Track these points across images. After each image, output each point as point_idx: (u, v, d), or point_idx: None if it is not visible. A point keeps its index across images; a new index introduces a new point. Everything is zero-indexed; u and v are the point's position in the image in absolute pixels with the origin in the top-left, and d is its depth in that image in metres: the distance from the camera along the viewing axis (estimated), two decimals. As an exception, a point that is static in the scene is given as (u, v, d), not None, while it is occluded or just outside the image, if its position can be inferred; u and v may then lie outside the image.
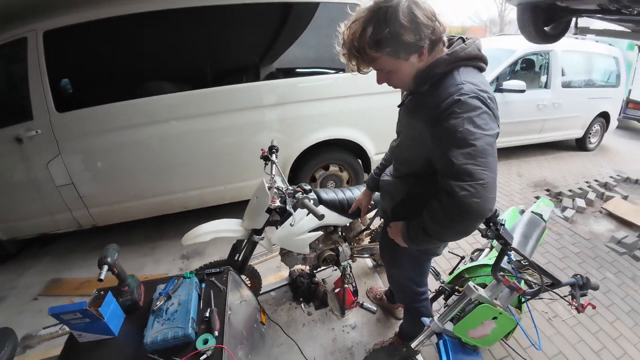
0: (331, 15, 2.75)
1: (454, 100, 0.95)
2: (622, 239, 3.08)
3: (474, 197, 0.92)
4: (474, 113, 0.94)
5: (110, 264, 1.28)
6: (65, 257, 2.86)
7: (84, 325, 1.18)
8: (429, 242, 1.12)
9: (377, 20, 0.95)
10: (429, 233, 1.07)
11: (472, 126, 0.93)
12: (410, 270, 1.48)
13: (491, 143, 0.95)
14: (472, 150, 0.92)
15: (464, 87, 0.96)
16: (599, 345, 2.07)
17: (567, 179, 4.47)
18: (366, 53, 1.00)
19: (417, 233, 1.12)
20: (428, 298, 1.61)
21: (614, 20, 3.05)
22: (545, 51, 4.68)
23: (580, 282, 1.19)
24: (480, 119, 0.94)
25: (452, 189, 0.94)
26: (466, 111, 0.94)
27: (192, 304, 1.29)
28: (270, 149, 1.91)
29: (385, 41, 0.96)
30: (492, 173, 0.94)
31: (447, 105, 0.96)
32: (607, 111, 5.35)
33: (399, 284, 1.60)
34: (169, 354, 1.14)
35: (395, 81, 1.10)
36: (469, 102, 0.94)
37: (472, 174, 0.92)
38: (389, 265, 1.58)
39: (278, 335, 2.00)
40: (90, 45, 2.35)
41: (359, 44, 0.99)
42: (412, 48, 0.98)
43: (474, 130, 0.92)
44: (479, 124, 0.93)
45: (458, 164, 0.93)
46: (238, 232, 1.78)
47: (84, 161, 2.46)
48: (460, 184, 0.92)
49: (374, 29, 0.95)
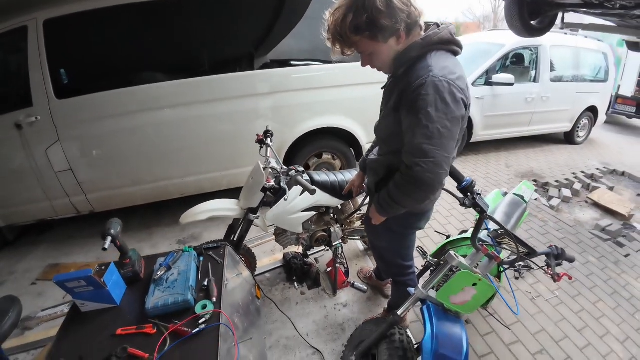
0: (325, 7, 2.81)
1: (422, 82, 1.04)
2: (606, 226, 3.18)
3: (426, 172, 1.06)
4: (438, 97, 1.02)
5: (114, 236, 1.34)
6: (63, 243, 2.91)
7: (88, 293, 1.24)
8: (394, 208, 1.25)
9: (357, 7, 1.03)
10: (394, 200, 1.21)
11: (433, 109, 1.02)
12: (395, 245, 1.57)
13: (448, 126, 1.04)
14: (428, 132, 1.03)
15: (433, 71, 1.04)
16: (582, 324, 2.14)
17: (554, 170, 4.59)
18: (348, 37, 1.08)
19: (385, 200, 1.25)
20: (414, 272, 1.70)
21: (599, 14, 3.15)
22: (534, 46, 4.79)
23: (555, 252, 1.26)
24: (442, 103, 1.03)
25: (409, 163, 1.08)
26: (430, 94, 1.02)
27: (191, 274, 1.37)
28: (265, 133, 2.00)
29: (364, 25, 1.04)
30: (445, 152, 1.06)
31: (415, 87, 1.05)
32: (595, 105, 5.49)
33: (386, 258, 1.68)
34: (169, 319, 1.21)
35: (377, 63, 1.18)
36: (436, 84, 1.03)
37: (426, 153, 1.05)
38: (374, 240, 1.66)
39: (272, 312, 2.09)
40: (89, 33, 2.39)
41: (341, 29, 1.07)
42: (389, 31, 1.06)
43: (434, 114, 1.02)
44: (440, 108, 1.03)
45: (416, 142, 1.06)
46: (234, 211, 1.85)
47: (82, 147, 2.51)
48: (416, 160, 1.06)
49: (354, 15, 1.04)
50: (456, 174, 1.21)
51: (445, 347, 1.23)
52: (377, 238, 1.61)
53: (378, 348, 1.41)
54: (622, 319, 2.20)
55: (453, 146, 1.10)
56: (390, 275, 1.76)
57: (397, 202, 1.22)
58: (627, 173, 4.59)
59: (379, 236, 1.57)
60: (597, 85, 5.44)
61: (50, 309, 2.17)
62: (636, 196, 4.04)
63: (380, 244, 1.61)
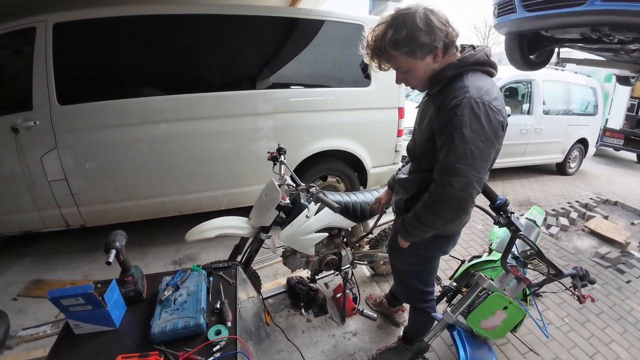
0: (334, 34, 2.89)
1: (458, 102, 1.05)
2: (605, 254, 3.22)
3: (457, 190, 1.07)
4: (473, 117, 1.04)
5: (118, 249, 1.22)
6: (49, 257, 2.72)
7: (84, 313, 1.10)
8: (420, 231, 1.23)
9: (397, 24, 1.07)
10: (420, 221, 1.19)
11: (468, 129, 1.04)
12: (418, 269, 1.51)
13: (481, 147, 1.05)
14: (462, 151, 1.04)
15: (469, 91, 1.06)
16: (593, 349, 2.12)
17: (549, 200, 4.65)
18: (387, 51, 1.11)
19: (411, 224, 1.23)
20: (434, 298, 1.62)
21: (593, 49, 3.30)
22: (527, 80, 5.00)
23: (580, 273, 1.26)
24: (477, 124, 1.04)
25: (440, 181, 1.10)
26: (465, 114, 1.04)
27: (202, 295, 1.25)
28: (279, 150, 1.94)
29: (403, 41, 1.07)
30: (477, 172, 1.07)
31: (451, 106, 1.06)
32: (585, 138, 5.70)
33: (406, 282, 1.60)
34: (178, 345, 1.08)
35: (412, 80, 1.20)
36: (472, 105, 1.04)
37: (458, 172, 1.06)
38: (396, 263, 1.58)
39: (277, 341, 1.94)
40: (98, 41, 2.35)
41: (381, 44, 1.11)
42: (427, 48, 1.09)
43: (468, 134, 1.04)
44: (475, 129, 1.04)
45: (449, 161, 1.07)
46: (245, 230, 1.75)
47: (80, 157, 2.39)
48: (448, 179, 1.08)
49: (394, 31, 1.07)
50: (490, 192, 1.17)
51: (481, 377, 1.14)
52: (399, 261, 1.53)
53: (402, 381, 1.29)
54: (630, 343, 2.21)
55: (486, 167, 1.11)
56: (409, 300, 1.67)
57: (424, 223, 1.20)
58: (619, 203, 4.70)
59: (402, 259, 1.50)
60: (587, 118, 5.67)
61: (32, 328, 1.99)
62: (630, 224, 4.12)
63: (402, 267, 1.54)
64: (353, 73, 2.98)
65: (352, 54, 3.01)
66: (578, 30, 2.63)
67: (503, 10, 2.88)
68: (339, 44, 2.96)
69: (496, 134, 1.08)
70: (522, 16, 2.65)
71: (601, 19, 2.24)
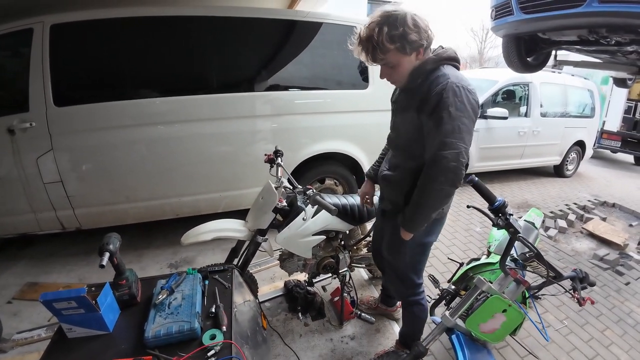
0: (332, 37, 2.89)
1: (442, 87, 1.20)
2: (604, 256, 3.21)
3: (451, 161, 1.20)
4: (456, 98, 1.20)
5: (112, 252, 1.21)
6: (44, 260, 2.69)
7: (77, 317, 1.09)
8: (424, 215, 1.32)
9: (391, 22, 1.20)
10: (425, 205, 1.29)
11: (453, 108, 1.19)
12: (415, 259, 1.57)
13: (466, 123, 1.21)
14: (450, 127, 1.19)
15: (449, 78, 1.22)
16: (593, 352, 2.11)
17: (547, 202, 4.65)
18: (383, 45, 1.22)
19: (416, 211, 1.31)
20: (424, 290, 1.67)
21: (590, 51, 3.31)
22: (525, 83, 5.01)
23: (580, 275, 1.26)
24: (460, 104, 1.20)
25: (436, 156, 1.21)
26: (449, 96, 1.19)
27: (197, 299, 1.23)
28: (276, 152, 1.93)
29: (398, 37, 1.20)
30: (465, 144, 1.21)
31: (437, 92, 1.21)
32: (582, 140, 5.70)
33: (401, 275, 1.61)
34: (172, 350, 1.06)
35: (395, 76, 1.33)
36: (454, 89, 1.20)
37: (450, 145, 1.19)
38: (395, 260, 1.58)
39: (275, 345, 1.92)
40: (95, 42, 2.34)
41: (378, 38, 1.21)
42: (415, 46, 1.24)
43: (454, 112, 1.19)
44: (459, 107, 1.20)
45: (440, 138, 1.20)
46: (241, 233, 1.73)
47: (76, 159, 2.37)
48: (441, 153, 1.20)
49: (389, 27, 1.20)
50: (488, 194, 1.16)
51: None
52: (400, 257, 1.55)
53: (400, 385, 1.28)
54: (630, 345, 2.20)
55: (470, 139, 1.25)
56: (404, 295, 1.68)
57: (429, 207, 1.30)
58: (617, 204, 4.70)
59: (403, 254, 1.52)
60: (584, 120, 5.68)
61: (27, 331, 1.96)
62: (628, 226, 4.12)
63: (403, 260, 1.55)
64: (351, 75, 2.98)
65: (350, 56, 2.98)
66: (575, 32, 2.64)
67: (500, 12, 2.89)
68: (337, 46, 2.96)
69: (475, 112, 1.24)
70: (519, 18, 2.66)
71: (598, 20, 2.24)
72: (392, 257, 1.58)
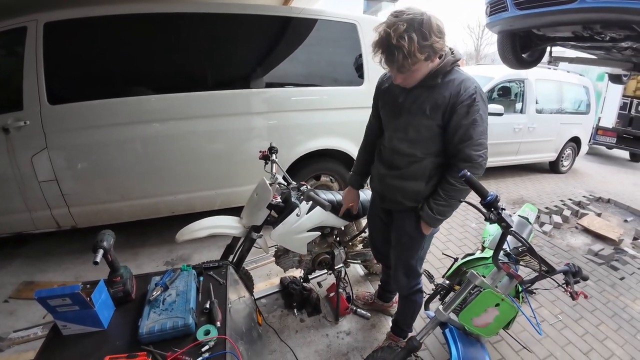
0: (328, 34, 2.91)
1: (473, 91, 1.26)
2: (599, 251, 3.22)
3: (484, 160, 1.33)
4: (483, 104, 1.29)
5: (106, 249, 1.20)
6: (40, 259, 2.68)
7: (72, 314, 1.09)
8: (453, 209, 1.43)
9: (416, 28, 1.13)
10: (454, 198, 1.37)
11: (482, 113, 1.29)
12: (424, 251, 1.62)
13: (487, 123, 1.33)
14: (482, 129, 1.30)
15: (476, 84, 1.29)
16: (587, 347, 2.13)
17: (542, 198, 4.68)
18: (415, 55, 1.15)
19: (445, 205, 1.39)
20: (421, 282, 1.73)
21: (585, 48, 3.33)
22: (520, 79, 5.03)
23: (573, 269, 1.26)
24: (485, 108, 1.31)
25: (470, 156, 1.30)
26: (479, 100, 1.27)
27: (191, 295, 1.23)
28: (270, 149, 1.93)
29: (428, 47, 1.16)
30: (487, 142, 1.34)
31: (469, 94, 1.26)
32: (578, 136, 5.73)
33: (408, 269, 1.62)
34: (167, 346, 1.07)
35: (410, 79, 1.29)
36: (481, 95, 1.29)
37: (484, 145, 1.32)
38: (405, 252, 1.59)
39: (270, 341, 1.93)
40: (89, 40, 2.32)
41: (409, 47, 1.13)
42: (437, 53, 1.21)
43: (484, 116, 1.30)
44: (485, 110, 1.31)
45: (476, 139, 1.29)
46: (236, 229, 1.73)
47: (71, 157, 2.36)
48: (479, 153, 1.31)
49: (418, 36, 1.13)
50: (480, 189, 1.17)
51: (473, 374, 1.13)
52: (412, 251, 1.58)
53: (395, 379, 1.29)
54: (625, 340, 2.22)
55: None
56: (406, 289, 1.69)
57: (457, 201, 1.38)
58: (612, 200, 4.73)
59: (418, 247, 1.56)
60: (579, 117, 5.71)
61: (23, 330, 1.97)
62: (623, 222, 4.15)
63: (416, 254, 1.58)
64: (346, 72, 2.98)
65: (345, 53, 3.02)
66: (570, 29, 2.65)
67: (495, 8, 2.89)
68: (332, 43, 2.96)
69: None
70: (514, 14, 2.66)
71: (592, 16, 2.25)
72: (406, 253, 1.59)
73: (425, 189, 1.44)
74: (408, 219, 1.51)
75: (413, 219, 1.49)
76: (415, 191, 1.44)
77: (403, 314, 1.81)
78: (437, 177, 1.43)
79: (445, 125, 1.32)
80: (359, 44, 2.95)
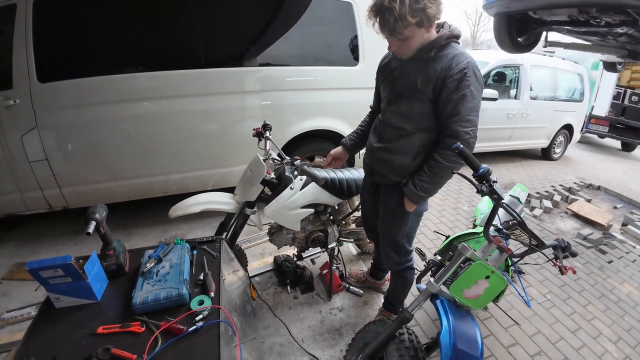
0: (323, 13, 2.86)
1: (465, 66, 1.24)
2: (587, 235, 3.30)
3: (472, 137, 1.29)
4: (476, 79, 1.26)
5: (98, 221, 1.20)
6: (32, 241, 2.67)
7: (64, 285, 1.09)
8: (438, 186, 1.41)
9: None
10: (440, 175, 1.35)
11: (474, 89, 1.26)
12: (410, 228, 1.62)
13: (480, 101, 1.30)
14: (472, 105, 1.27)
15: (469, 59, 1.26)
16: (575, 325, 2.19)
17: (534, 183, 4.74)
18: (405, 18, 1.16)
19: (430, 182, 1.37)
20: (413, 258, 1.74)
21: (580, 33, 3.32)
22: (515, 65, 5.01)
23: (562, 244, 1.28)
24: (478, 85, 1.28)
25: (457, 132, 1.27)
26: (471, 76, 1.25)
27: (185, 267, 1.24)
28: (264, 126, 1.92)
29: (419, 10, 1.16)
30: (478, 119, 1.31)
31: (461, 68, 1.24)
32: (571, 124, 5.77)
33: (397, 246, 1.64)
34: (160, 316, 1.08)
35: (404, 48, 1.29)
36: (473, 69, 1.26)
37: (472, 122, 1.28)
38: (391, 228, 1.61)
39: (264, 317, 1.95)
40: (78, 17, 2.25)
41: (400, 10, 1.14)
42: (431, 20, 1.21)
43: (475, 92, 1.27)
44: (477, 87, 1.27)
45: (464, 115, 1.27)
46: (230, 205, 1.73)
47: (61, 136, 2.32)
48: (466, 130, 1.27)
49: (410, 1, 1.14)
50: (473, 161, 1.17)
51: (462, 343, 1.17)
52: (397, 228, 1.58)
53: (386, 350, 1.32)
54: (613, 320, 2.27)
55: None
56: (398, 264, 1.71)
57: (443, 177, 1.37)
58: (602, 187, 4.80)
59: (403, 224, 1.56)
60: (572, 104, 5.74)
61: (17, 310, 1.97)
62: (613, 209, 4.22)
63: (401, 231, 1.59)
64: (341, 52, 2.95)
65: (340, 33, 2.97)
66: (566, 11, 2.63)
67: (492, -10, 2.86)
68: (327, 22, 2.91)
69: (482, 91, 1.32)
70: (511, -5, 2.64)
71: (588, -1, 2.24)
72: (390, 229, 1.61)
73: (410, 164, 1.44)
74: (393, 195, 1.52)
75: (397, 194, 1.49)
76: (401, 165, 1.45)
77: (394, 291, 1.85)
78: (425, 154, 1.42)
79: (435, 99, 1.31)
80: (354, 24, 2.91)
